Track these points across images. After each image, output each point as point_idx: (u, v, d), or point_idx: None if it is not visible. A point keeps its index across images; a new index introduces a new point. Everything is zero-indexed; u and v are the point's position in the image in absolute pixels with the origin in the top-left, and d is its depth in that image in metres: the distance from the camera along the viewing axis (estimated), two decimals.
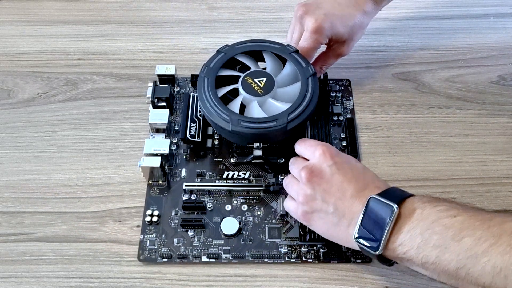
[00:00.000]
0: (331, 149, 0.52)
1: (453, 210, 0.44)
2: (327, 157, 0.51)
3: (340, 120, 0.66)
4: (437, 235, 0.43)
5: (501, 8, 0.79)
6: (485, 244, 0.41)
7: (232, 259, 0.55)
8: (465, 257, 0.42)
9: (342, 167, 0.50)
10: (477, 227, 0.42)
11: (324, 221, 0.50)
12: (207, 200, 0.59)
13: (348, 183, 0.49)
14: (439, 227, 0.43)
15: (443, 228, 0.43)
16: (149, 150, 0.59)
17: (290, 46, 0.63)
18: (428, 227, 0.44)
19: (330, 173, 0.50)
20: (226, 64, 0.61)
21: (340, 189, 0.49)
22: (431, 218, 0.44)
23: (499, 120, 0.66)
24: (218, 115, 0.57)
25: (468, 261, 0.41)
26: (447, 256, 0.42)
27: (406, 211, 0.45)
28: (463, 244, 0.42)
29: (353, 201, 0.48)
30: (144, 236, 0.57)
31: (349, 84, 0.70)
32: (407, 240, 0.44)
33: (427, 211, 0.44)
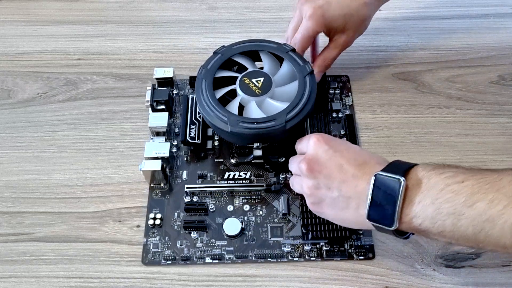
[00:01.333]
0: (324, 136, 0.52)
1: (460, 176, 0.43)
2: (321, 143, 0.51)
3: (340, 117, 0.66)
4: (449, 203, 0.43)
5: (501, 8, 0.79)
6: (499, 206, 0.40)
7: (236, 259, 0.55)
8: (481, 221, 0.41)
9: (338, 149, 0.50)
10: (487, 190, 0.41)
11: (333, 207, 0.50)
12: (209, 201, 0.59)
13: (347, 164, 0.49)
14: (448, 194, 0.43)
15: (453, 195, 0.42)
16: (150, 153, 0.59)
17: (286, 45, 0.63)
18: (438, 196, 0.43)
19: (327, 158, 0.50)
20: (223, 65, 0.61)
21: (340, 171, 0.49)
22: (439, 186, 0.43)
23: (499, 120, 0.66)
24: (217, 116, 0.57)
25: (485, 225, 0.41)
26: (463, 222, 0.42)
27: (413, 182, 0.45)
28: (476, 209, 0.41)
29: (356, 181, 0.48)
30: (148, 239, 0.57)
31: (347, 80, 0.70)
32: (420, 211, 0.44)
33: (434, 180, 0.44)
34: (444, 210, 0.43)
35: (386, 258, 0.55)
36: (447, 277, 0.54)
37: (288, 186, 0.60)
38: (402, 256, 0.55)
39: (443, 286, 0.54)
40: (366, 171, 0.48)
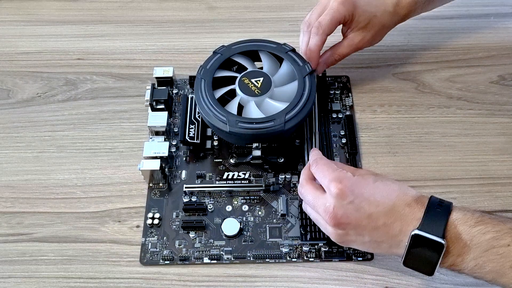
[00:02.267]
0: (345, 183, 0.48)
1: (506, 238, 0.44)
2: (344, 195, 0.47)
3: (340, 118, 0.66)
4: (493, 263, 0.44)
5: (501, 8, 0.79)
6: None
7: (234, 259, 0.55)
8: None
9: (363, 198, 0.48)
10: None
11: (363, 246, 0.50)
12: (207, 201, 0.59)
13: (376, 212, 0.47)
14: (494, 256, 0.44)
15: (499, 257, 0.44)
16: (149, 153, 0.59)
17: (286, 45, 0.62)
18: (481, 255, 0.44)
19: (355, 209, 0.47)
20: (222, 65, 0.61)
21: (370, 220, 0.48)
22: (483, 246, 0.44)
23: (499, 120, 0.66)
24: (216, 116, 0.57)
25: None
26: (504, 280, 0.44)
27: (453, 236, 0.45)
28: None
29: (387, 228, 0.47)
30: (146, 239, 0.57)
31: (347, 81, 0.70)
32: (459, 263, 0.45)
33: (477, 239, 0.44)
34: (487, 268, 0.44)
35: (386, 258, 0.55)
36: (447, 277, 0.54)
37: (287, 186, 0.60)
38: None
39: (443, 286, 0.54)
40: (397, 218, 0.47)
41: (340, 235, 0.49)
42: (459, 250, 0.45)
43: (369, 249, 0.51)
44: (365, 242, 0.49)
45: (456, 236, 0.45)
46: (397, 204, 0.47)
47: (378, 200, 0.48)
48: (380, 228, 0.47)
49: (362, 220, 0.48)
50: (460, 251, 0.45)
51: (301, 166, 0.61)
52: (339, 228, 0.49)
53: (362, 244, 0.50)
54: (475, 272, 0.45)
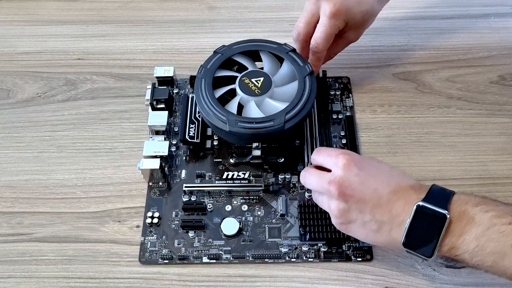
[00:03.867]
0: (353, 155, 0.49)
1: (507, 217, 0.44)
2: (351, 166, 0.48)
3: (340, 118, 0.66)
4: (494, 242, 0.43)
5: (501, 8, 0.79)
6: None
7: (233, 259, 0.55)
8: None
9: (369, 173, 0.48)
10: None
11: (363, 229, 0.49)
12: (207, 201, 0.59)
13: (381, 188, 0.47)
14: (495, 234, 0.43)
15: (501, 235, 0.43)
16: (149, 152, 0.59)
17: (287, 45, 0.62)
18: (483, 234, 0.43)
19: (360, 182, 0.48)
20: (223, 64, 0.61)
21: (374, 196, 0.47)
22: (485, 224, 0.44)
23: (500, 120, 0.66)
24: (216, 116, 0.57)
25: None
26: (505, 262, 0.43)
27: (455, 214, 0.45)
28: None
29: (390, 205, 0.47)
30: (145, 238, 0.57)
31: (348, 82, 0.70)
32: (460, 244, 0.44)
33: (479, 217, 0.44)
34: (488, 249, 0.43)
35: (386, 259, 0.55)
36: (447, 277, 0.54)
37: (286, 187, 0.60)
38: (402, 256, 0.55)
39: (443, 286, 0.54)
40: (400, 196, 0.47)
41: (342, 210, 0.48)
42: (460, 229, 0.44)
43: (369, 233, 0.49)
44: (365, 223, 0.48)
45: (459, 213, 0.45)
46: (401, 185, 0.48)
47: (383, 178, 0.48)
48: (383, 205, 0.47)
49: (366, 194, 0.47)
50: (461, 230, 0.44)
51: (301, 166, 0.61)
52: (342, 200, 0.48)
53: (362, 225, 0.48)
54: (476, 255, 0.44)
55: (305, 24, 0.62)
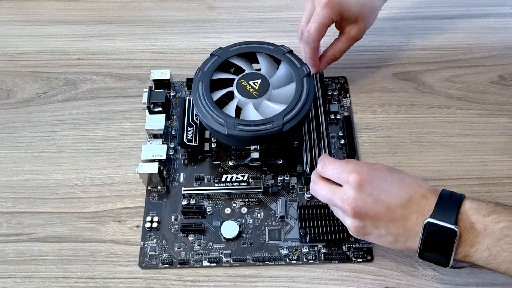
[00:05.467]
0: (364, 173, 0.48)
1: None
2: (364, 186, 0.48)
3: (338, 119, 0.66)
4: (506, 253, 0.44)
5: (501, 8, 0.79)
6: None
7: (233, 262, 0.55)
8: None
9: (382, 190, 0.48)
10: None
11: (380, 240, 0.50)
12: (206, 204, 0.59)
13: (393, 204, 0.48)
14: (507, 245, 0.44)
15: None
16: (147, 156, 0.59)
17: (284, 46, 0.62)
18: (495, 244, 0.44)
19: (373, 201, 0.48)
20: (220, 67, 0.61)
21: (388, 213, 0.48)
22: (496, 235, 0.44)
23: (499, 120, 0.66)
24: (214, 119, 0.56)
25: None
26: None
27: (466, 225, 0.45)
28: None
29: (404, 220, 0.47)
30: (145, 242, 0.57)
31: (345, 82, 0.69)
32: (473, 253, 0.45)
33: (490, 228, 0.44)
34: (501, 258, 0.44)
35: (387, 259, 0.55)
36: (448, 277, 0.54)
37: (286, 188, 0.60)
38: (402, 256, 0.55)
39: (444, 286, 0.54)
40: (413, 210, 0.47)
41: (358, 227, 0.49)
42: (472, 239, 0.45)
43: (386, 243, 0.50)
44: (381, 236, 0.49)
45: (469, 224, 0.45)
46: (413, 196, 0.48)
47: (395, 192, 0.48)
48: (397, 220, 0.48)
49: (380, 212, 0.48)
50: (473, 241, 0.45)
51: (299, 167, 0.61)
52: (357, 219, 0.49)
53: (378, 237, 0.49)
54: (489, 262, 0.45)
55: (306, 22, 0.62)
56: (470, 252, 0.45)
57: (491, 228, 0.44)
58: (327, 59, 0.65)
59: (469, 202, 0.46)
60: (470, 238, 0.45)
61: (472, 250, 0.45)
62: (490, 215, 0.45)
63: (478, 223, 0.45)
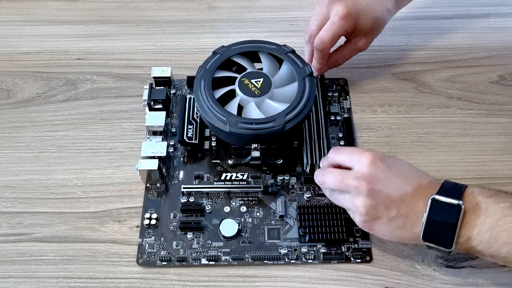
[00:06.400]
0: (377, 153, 0.51)
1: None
2: (378, 162, 0.50)
3: (338, 120, 0.66)
4: (507, 233, 0.44)
5: (501, 8, 0.79)
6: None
7: (232, 261, 0.55)
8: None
9: (394, 170, 0.50)
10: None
11: (388, 225, 0.50)
12: (205, 202, 0.59)
13: (405, 184, 0.49)
14: (507, 224, 0.44)
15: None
16: (146, 153, 0.59)
17: (286, 46, 0.62)
18: (496, 225, 0.45)
19: (386, 178, 0.49)
20: (222, 65, 0.61)
21: (399, 192, 0.49)
22: (497, 215, 0.45)
23: (499, 120, 0.66)
24: (216, 116, 0.56)
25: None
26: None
27: (470, 205, 0.46)
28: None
29: (414, 201, 0.48)
30: (143, 239, 0.57)
31: (345, 83, 0.69)
32: (475, 235, 0.46)
33: (492, 208, 0.45)
34: (501, 239, 0.44)
35: (386, 259, 0.55)
36: (448, 277, 0.54)
37: (285, 188, 0.60)
38: (402, 256, 0.55)
39: (444, 286, 0.54)
40: (422, 192, 0.48)
41: (369, 207, 0.49)
42: (475, 220, 0.45)
43: (393, 228, 0.49)
44: (391, 219, 0.49)
45: (472, 205, 0.46)
46: (421, 182, 0.49)
47: (406, 175, 0.50)
48: (408, 201, 0.48)
49: (392, 190, 0.49)
50: (475, 222, 0.45)
51: (299, 167, 0.61)
52: (370, 196, 0.49)
53: (388, 221, 0.49)
54: (490, 246, 0.45)
55: (317, 27, 0.62)
56: (473, 234, 0.46)
57: (492, 208, 0.45)
58: (329, 64, 0.65)
59: (472, 187, 0.48)
60: (472, 219, 0.46)
61: (475, 233, 0.45)
62: (492, 196, 0.46)
63: (480, 203, 0.46)
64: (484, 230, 0.45)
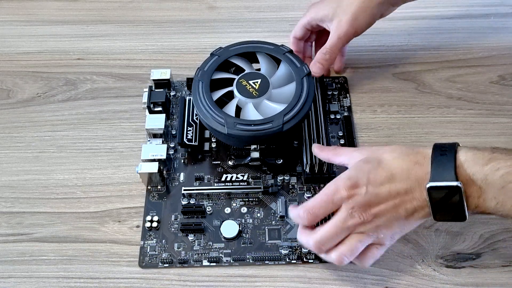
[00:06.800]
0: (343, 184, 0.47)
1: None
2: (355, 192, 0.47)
3: (338, 118, 0.66)
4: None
5: (501, 8, 0.79)
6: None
7: (233, 262, 0.55)
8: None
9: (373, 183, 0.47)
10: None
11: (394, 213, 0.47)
12: (206, 203, 0.59)
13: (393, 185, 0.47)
14: (510, 192, 0.43)
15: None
16: (147, 155, 0.59)
17: (284, 46, 0.62)
18: (500, 193, 0.44)
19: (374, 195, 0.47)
20: (220, 66, 0.61)
21: (392, 194, 0.47)
22: (498, 183, 0.44)
23: (499, 120, 0.66)
24: (214, 118, 0.56)
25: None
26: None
27: (467, 178, 0.44)
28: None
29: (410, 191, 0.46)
30: (145, 242, 0.57)
31: (345, 82, 0.69)
32: (482, 203, 0.45)
33: (491, 178, 0.44)
34: (508, 205, 0.44)
35: (386, 259, 0.55)
36: (448, 277, 0.54)
37: (285, 188, 0.60)
38: (402, 256, 0.55)
39: (444, 286, 0.54)
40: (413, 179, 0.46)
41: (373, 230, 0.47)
42: (477, 191, 0.44)
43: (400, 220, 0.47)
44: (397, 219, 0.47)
45: (469, 178, 0.44)
46: (405, 167, 0.47)
47: (386, 175, 0.47)
48: (402, 195, 0.46)
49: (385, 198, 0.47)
50: (478, 192, 0.44)
51: (299, 167, 0.61)
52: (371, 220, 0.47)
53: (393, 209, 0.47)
54: (499, 210, 0.44)
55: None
56: (479, 202, 0.45)
57: (491, 178, 0.44)
58: (319, 59, 0.64)
59: (464, 152, 0.46)
60: (475, 189, 0.44)
61: (481, 201, 0.45)
62: (488, 163, 0.44)
63: (477, 174, 0.44)
64: (489, 198, 0.44)
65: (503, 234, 0.56)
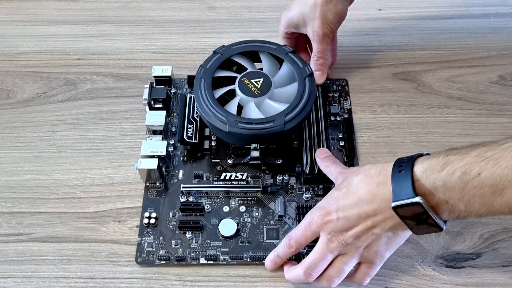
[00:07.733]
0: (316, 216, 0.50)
1: (473, 169, 0.43)
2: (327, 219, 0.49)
3: (338, 120, 0.66)
4: (476, 197, 0.43)
5: (501, 8, 0.79)
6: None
7: (230, 260, 0.55)
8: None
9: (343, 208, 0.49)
10: (509, 175, 0.41)
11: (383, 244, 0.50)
12: (204, 201, 0.59)
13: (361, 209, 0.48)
14: (472, 190, 0.43)
15: (478, 189, 0.42)
16: (146, 152, 0.59)
17: (286, 46, 0.62)
18: (463, 195, 0.43)
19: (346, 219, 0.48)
20: (222, 65, 0.61)
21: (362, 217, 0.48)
22: (458, 186, 0.43)
23: (499, 120, 0.66)
24: (215, 116, 0.56)
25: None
26: (496, 207, 0.43)
27: (426, 190, 0.44)
28: (507, 195, 0.42)
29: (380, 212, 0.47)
30: (142, 238, 0.57)
31: (346, 84, 0.69)
32: (452, 207, 0.44)
33: (449, 182, 0.43)
34: (475, 204, 0.43)
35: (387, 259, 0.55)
36: (447, 277, 0.54)
37: (284, 188, 0.60)
38: (402, 256, 0.55)
39: (444, 286, 0.54)
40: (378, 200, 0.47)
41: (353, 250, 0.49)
42: (442, 197, 0.44)
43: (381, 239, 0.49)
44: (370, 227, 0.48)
45: (430, 188, 0.44)
46: (370, 189, 0.48)
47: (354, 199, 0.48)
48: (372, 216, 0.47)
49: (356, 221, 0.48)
50: (443, 197, 0.44)
51: (298, 168, 0.61)
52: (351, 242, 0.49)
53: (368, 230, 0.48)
54: (470, 212, 0.44)
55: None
56: (450, 208, 0.44)
57: (450, 182, 0.43)
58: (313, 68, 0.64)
59: (420, 164, 0.46)
60: (440, 197, 0.44)
61: (449, 206, 0.44)
62: (444, 168, 0.44)
63: (437, 181, 0.44)
64: (456, 202, 0.44)
65: (503, 234, 0.57)
